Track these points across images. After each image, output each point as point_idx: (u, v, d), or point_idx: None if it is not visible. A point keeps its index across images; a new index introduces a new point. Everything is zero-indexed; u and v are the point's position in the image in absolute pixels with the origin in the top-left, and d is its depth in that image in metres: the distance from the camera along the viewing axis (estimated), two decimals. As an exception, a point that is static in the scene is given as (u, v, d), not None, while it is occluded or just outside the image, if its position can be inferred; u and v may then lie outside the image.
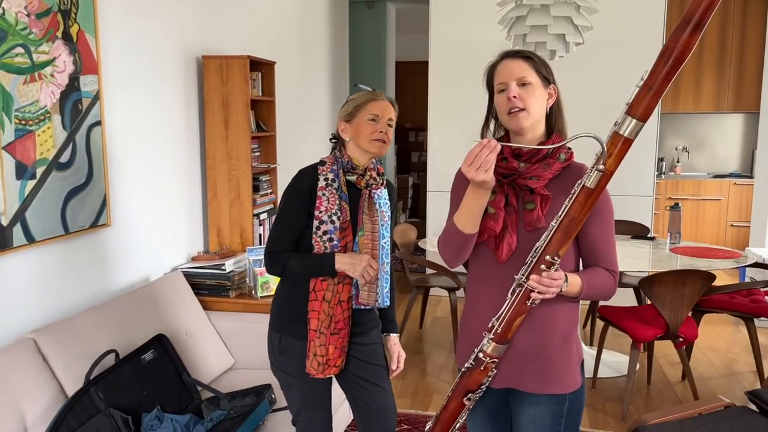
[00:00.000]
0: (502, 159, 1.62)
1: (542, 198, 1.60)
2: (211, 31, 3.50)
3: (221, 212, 3.39)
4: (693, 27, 1.35)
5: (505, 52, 1.68)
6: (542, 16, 3.56)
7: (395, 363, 2.12)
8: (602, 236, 1.65)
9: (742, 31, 6.39)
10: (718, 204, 6.54)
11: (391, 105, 1.97)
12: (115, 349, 2.23)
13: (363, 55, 7.55)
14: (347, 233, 1.91)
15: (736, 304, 3.68)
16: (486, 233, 1.62)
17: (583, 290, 1.59)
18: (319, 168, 1.93)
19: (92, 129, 2.49)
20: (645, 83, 1.42)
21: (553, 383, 1.64)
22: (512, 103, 1.60)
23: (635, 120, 1.43)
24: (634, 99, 1.44)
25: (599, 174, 1.46)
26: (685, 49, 1.37)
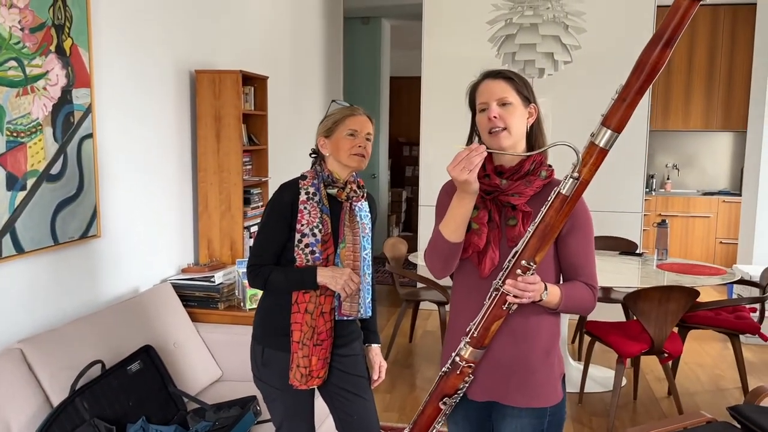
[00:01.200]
0: (484, 176, 1.67)
1: (524, 214, 1.63)
2: (205, 45, 3.55)
3: (212, 224, 3.42)
4: (664, 43, 1.40)
5: (486, 72, 1.72)
6: (531, 35, 3.62)
7: (376, 373, 2.14)
8: (582, 251, 1.68)
9: (731, 52, 6.49)
10: (708, 221, 6.60)
11: (368, 120, 2.01)
12: (101, 360, 2.24)
13: (358, 70, 7.63)
14: (329, 245, 1.94)
15: (722, 321, 3.71)
16: (470, 249, 1.66)
17: (562, 301, 1.62)
18: (300, 182, 1.97)
19: (84, 141, 2.52)
20: (619, 96, 1.48)
21: (535, 397, 1.66)
22: (493, 123, 1.64)
23: (610, 131, 1.48)
24: (608, 111, 1.49)
25: (574, 182, 1.51)
26: (656, 64, 1.42)
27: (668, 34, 1.40)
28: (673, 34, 1.39)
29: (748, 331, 3.64)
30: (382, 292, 6.27)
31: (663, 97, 6.61)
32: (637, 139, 5.10)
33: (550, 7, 3.67)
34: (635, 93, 1.46)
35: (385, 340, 4.67)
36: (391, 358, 4.36)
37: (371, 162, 7.89)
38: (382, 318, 5.37)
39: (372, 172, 7.87)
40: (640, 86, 1.45)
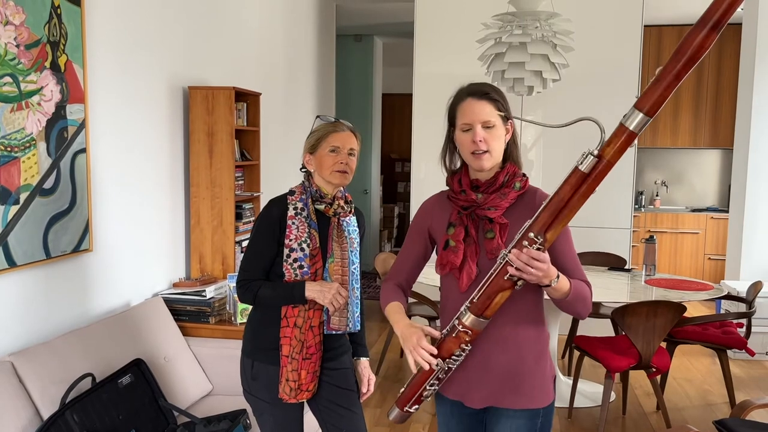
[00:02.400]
0: (460, 191, 1.72)
1: (501, 226, 1.67)
2: (198, 62, 3.59)
3: (204, 239, 3.44)
4: (712, 26, 1.35)
5: (470, 90, 1.72)
6: (520, 54, 3.68)
7: (365, 386, 2.16)
8: (569, 254, 1.72)
9: (718, 71, 6.60)
10: (696, 237, 6.67)
11: (352, 134, 2.02)
12: (92, 373, 2.25)
13: (350, 87, 7.70)
14: (317, 260, 1.97)
15: (709, 336, 3.75)
16: (447, 266, 1.70)
17: (571, 291, 1.62)
18: (289, 197, 2.00)
19: (77, 156, 2.55)
20: (656, 78, 1.43)
21: (529, 398, 1.71)
22: (477, 146, 1.67)
23: (642, 114, 1.44)
24: (643, 93, 1.44)
25: (593, 159, 1.47)
26: (701, 47, 1.36)
27: (717, 16, 1.33)
28: (722, 17, 1.34)
29: (734, 346, 3.67)
30: (373, 307, 6.28)
31: (651, 114, 6.70)
32: (625, 156, 5.15)
33: (538, 26, 3.74)
34: (673, 77, 1.40)
35: (375, 355, 4.68)
36: (382, 373, 4.36)
37: (363, 178, 7.97)
38: (373, 333, 5.38)
39: (364, 187, 7.92)
40: (680, 70, 1.39)
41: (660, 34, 6.68)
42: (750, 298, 3.76)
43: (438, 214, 1.80)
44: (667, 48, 6.67)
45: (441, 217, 1.79)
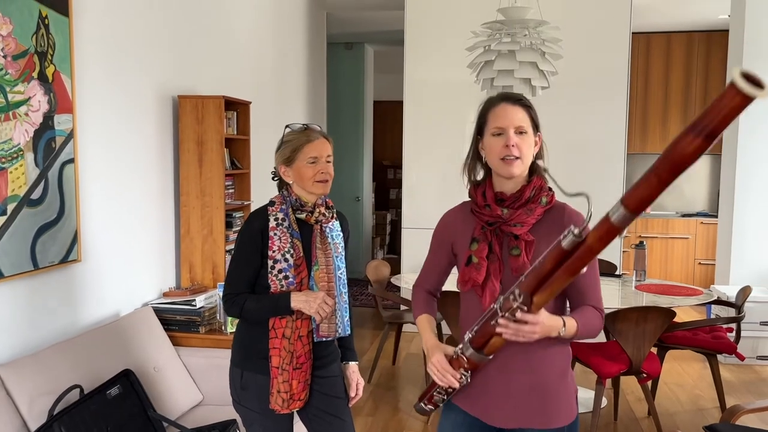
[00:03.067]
0: (485, 206, 1.67)
1: (527, 243, 1.63)
2: (188, 71, 3.59)
3: (194, 248, 3.43)
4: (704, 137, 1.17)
5: (505, 95, 1.70)
6: (509, 62, 3.71)
7: (353, 390, 2.15)
8: (589, 276, 1.67)
9: (705, 77, 6.66)
10: (686, 242, 6.71)
11: (326, 141, 1.99)
12: (80, 385, 2.24)
13: (342, 94, 7.73)
14: (302, 269, 1.96)
15: (699, 341, 3.77)
16: (469, 283, 1.67)
17: (578, 333, 1.63)
18: (269, 209, 1.99)
19: (65, 166, 2.54)
20: (642, 177, 1.31)
21: (555, 418, 1.70)
22: (510, 151, 1.63)
23: (625, 210, 1.31)
24: (631, 188, 1.33)
25: (574, 238, 1.40)
26: (688, 158, 1.19)
27: (713, 125, 1.15)
28: (717, 127, 1.16)
29: (724, 351, 3.69)
30: (366, 314, 6.28)
31: (641, 120, 6.75)
32: (615, 161, 5.20)
33: (527, 34, 3.77)
34: (657, 181, 1.25)
35: (368, 362, 4.68)
36: (374, 381, 4.36)
37: (355, 185, 7.98)
38: (365, 341, 5.37)
39: (356, 194, 7.92)
40: (664, 177, 1.24)
41: (648, 41, 6.74)
42: (739, 303, 3.79)
43: (460, 227, 1.77)
44: (655, 55, 6.72)
45: (463, 231, 1.76)
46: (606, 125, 5.19)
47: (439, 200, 5.44)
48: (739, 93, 1.12)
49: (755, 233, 5.10)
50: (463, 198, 1.82)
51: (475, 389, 1.73)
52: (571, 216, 1.68)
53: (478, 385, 1.72)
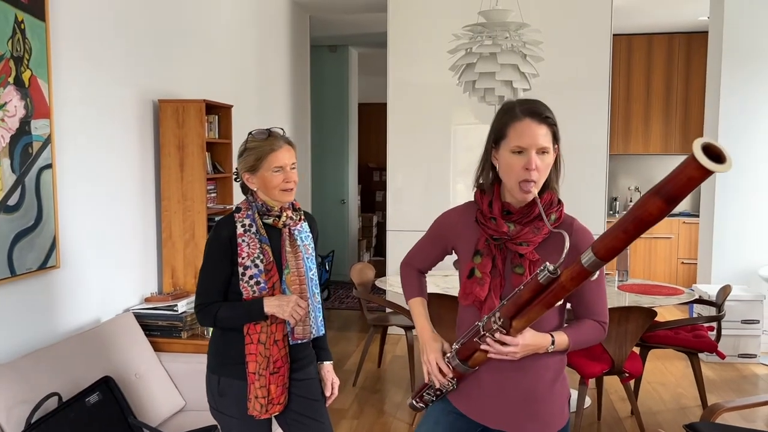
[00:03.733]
0: (490, 218, 1.64)
1: (531, 263, 1.61)
2: (168, 74, 3.57)
3: (176, 253, 3.41)
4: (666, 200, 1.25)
5: (529, 109, 1.59)
6: (490, 64, 3.72)
7: (329, 389, 2.14)
8: (593, 289, 1.67)
9: (686, 78, 6.72)
10: (669, 242, 6.77)
11: (289, 147, 1.97)
12: (58, 392, 2.22)
13: (326, 97, 7.72)
14: (273, 274, 1.94)
15: (681, 340, 3.80)
16: (470, 297, 1.66)
17: (570, 347, 1.65)
18: (235, 215, 1.96)
19: (42, 172, 2.52)
20: (611, 229, 1.37)
21: (547, 424, 1.70)
22: (529, 176, 1.56)
23: (594, 256, 1.38)
24: (601, 236, 1.39)
25: (549, 275, 1.43)
26: (650, 216, 1.28)
27: (674, 191, 1.23)
28: (678, 193, 1.24)
29: (705, 350, 3.73)
30: (351, 317, 6.27)
31: (623, 122, 6.81)
32: (598, 163, 5.24)
33: (508, 36, 3.78)
34: (622, 233, 1.33)
35: (353, 366, 4.67)
36: (360, 384, 4.35)
37: (340, 187, 7.97)
38: (351, 344, 5.36)
39: (341, 197, 7.92)
40: (631, 231, 1.32)
41: (629, 42, 6.79)
42: (719, 302, 3.83)
43: (462, 232, 1.74)
44: (637, 56, 6.78)
45: (466, 237, 1.73)
46: (588, 127, 5.23)
47: (425, 202, 5.46)
48: (700, 166, 1.17)
49: (736, 233, 5.15)
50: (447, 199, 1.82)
51: (469, 388, 1.74)
52: (578, 234, 1.64)
53: (472, 384, 1.73)
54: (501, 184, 1.67)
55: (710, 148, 1.18)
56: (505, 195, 1.66)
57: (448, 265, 4.44)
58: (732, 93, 5.07)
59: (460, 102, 5.26)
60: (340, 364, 4.78)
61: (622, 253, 4.21)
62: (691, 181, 1.21)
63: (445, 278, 4.19)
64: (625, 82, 6.77)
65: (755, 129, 5.06)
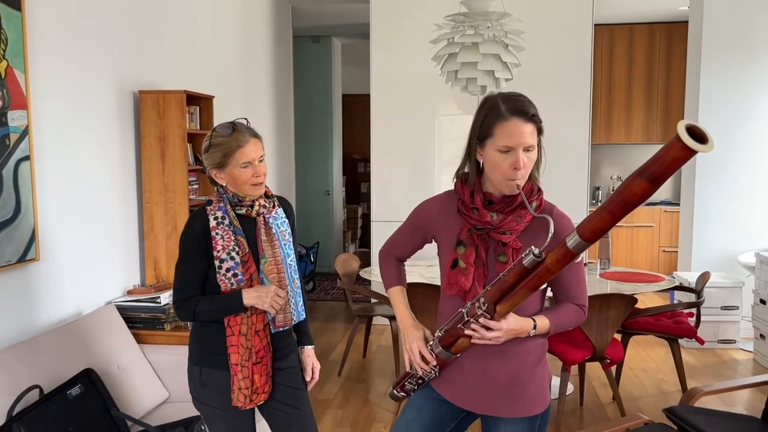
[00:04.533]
0: (473, 209, 1.65)
1: (514, 250, 1.63)
2: (148, 65, 3.54)
3: (158, 245, 3.39)
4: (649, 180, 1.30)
5: (515, 108, 1.60)
6: (472, 54, 3.73)
7: (309, 374, 2.14)
8: (573, 274, 1.70)
9: (667, 68, 6.78)
10: (651, 230, 6.84)
11: (256, 140, 1.91)
12: (39, 385, 2.21)
13: (310, 88, 7.68)
14: (249, 265, 1.92)
15: (661, 326, 3.85)
16: (455, 287, 1.67)
17: (551, 330, 1.68)
18: (208, 208, 1.93)
19: (20, 164, 2.49)
20: (597, 211, 1.41)
21: (529, 407, 1.73)
22: (516, 175, 1.58)
23: (579, 238, 1.42)
24: (585, 219, 1.43)
25: (533, 258, 1.47)
26: (635, 197, 1.33)
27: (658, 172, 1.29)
28: (661, 174, 1.29)
29: (685, 335, 3.78)
30: (337, 308, 6.28)
31: (605, 111, 6.86)
32: (580, 152, 5.28)
33: (490, 26, 3.79)
34: (608, 214, 1.37)
35: (338, 356, 4.68)
36: (345, 374, 4.37)
37: (325, 179, 7.95)
38: (336, 334, 5.38)
39: (326, 188, 7.90)
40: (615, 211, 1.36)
41: (611, 33, 6.83)
42: (698, 288, 3.88)
43: (443, 221, 1.75)
44: (619, 46, 6.82)
45: (447, 226, 1.74)
46: (570, 117, 5.26)
47: (409, 193, 5.47)
48: (684, 146, 1.22)
49: (716, 221, 5.22)
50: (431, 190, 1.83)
51: (451, 374, 1.76)
52: (558, 220, 1.66)
53: (454, 370, 1.75)
54: (482, 175, 1.69)
55: (693, 130, 1.23)
56: (487, 185, 1.68)
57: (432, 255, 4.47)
58: (712, 82, 5.13)
59: (444, 93, 5.27)
60: (326, 355, 4.79)
61: (604, 241, 4.26)
62: (676, 161, 1.26)
63: (429, 268, 4.21)
64: (606, 72, 6.81)
65: (735, 118, 5.12)
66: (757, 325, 4.64)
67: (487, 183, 1.68)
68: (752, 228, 5.20)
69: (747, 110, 5.12)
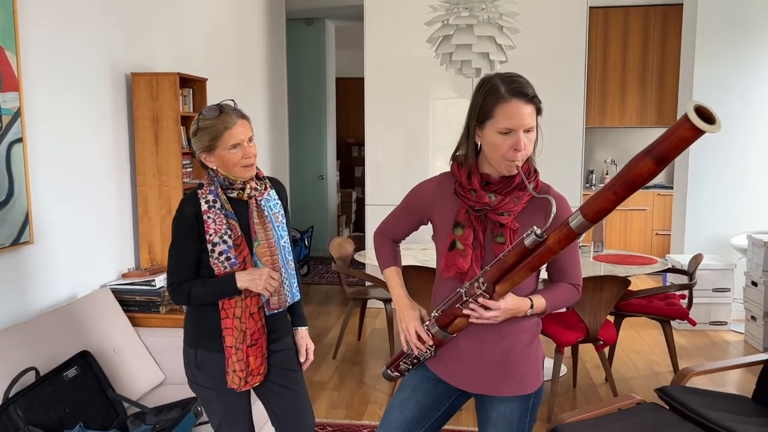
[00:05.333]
0: (470, 190, 1.66)
1: (512, 231, 1.64)
2: (142, 47, 3.51)
3: (152, 228, 3.39)
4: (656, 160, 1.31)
5: (515, 89, 1.59)
6: (467, 36, 3.71)
7: (303, 355, 2.14)
8: (568, 255, 1.71)
9: (662, 51, 6.76)
10: (644, 214, 6.87)
11: (244, 121, 1.89)
12: (35, 367, 2.21)
13: (303, 71, 7.63)
14: (242, 248, 1.92)
15: (654, 308, 3.88)
16: (453, 269, 1.68)
17: (547, 309, 1.70)
18: (199, 192, 1.92)
19: (13, 146, 2.47)
20: (601, 191, 1.41)
21: (523, 385, 1.75)
22: (516, 156, 1.58)
23: (582, 218, 1.43)
24: (589, 199, 1.43)
25: (535, 239, 1.47)
26: (640, 177, 1.33)
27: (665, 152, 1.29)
28: (668, 154, 1.29)
29: (677, 317, 3.82)
30: (331, 292, 6.30)
31: (600, 94, 6.85)
32: (574, 136, 5.28)
33: (484, 8, 3.77)
34: (613, 194, 1.37)
35: (333, 339, 4.71)
36: (340, 357, 4.39)
37: (319, 163, 7.93)
38: (331, 317, 5.40)
39: (320, 173, 7.89)
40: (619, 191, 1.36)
41: (606, 15, 6.80)
42: (691, 270, 3.91)
43: (440, 202, 1.75)
44: (614, 29, 6.80)
45: (444, 208, 1.74)
46: (564, 100, 5.25)
47: (403, 177, 5.47)
48: (692, 126, 1.22)
49: (709, 204, 5.25)
50: (425, 174, 1.83)
51: (446, 354, 1.77)
52: (556, 199, 1.65)
53: (449, 350, 1.76)
54: (479, 156, 1.69)
55: (702, 110, 1.24)
56: (484, 166, 1.68)
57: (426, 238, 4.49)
58: (706, 65, 5.12)
59: (439, 76, 5.25)
60: (321, 338, 4.81)
61: (598, 224, 4.27)
62: (683, 142, 1.26)
63: (423, 251, 4.22)
64: (601, 55, 6.80)
65: (729, 101, 5.13)
66: (748, 307, 4.68)
67: (484, 164, 1.68)
68: (745, 211, 5.23)
69: (741, 93, 5.12)
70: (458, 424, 3.30)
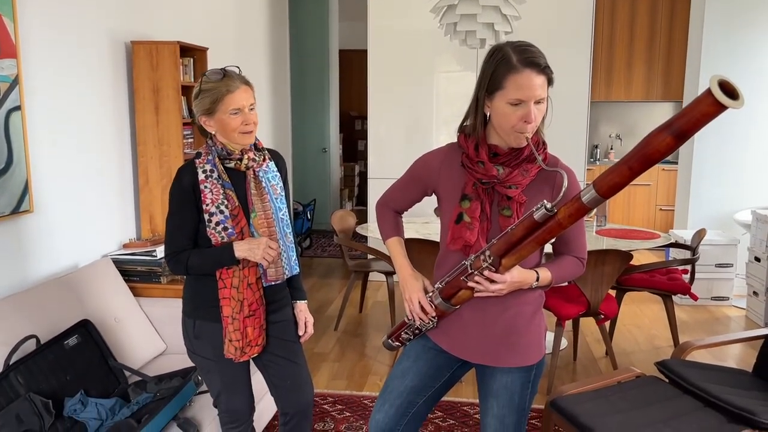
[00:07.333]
0: (478, 162, 1.63)
1: (519, 205, 1.62)
2: (142, 15, 3.46)
3: (153, 199, 3.37)
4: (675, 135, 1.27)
5: (527, 59, 1.54)
6: (472, 6, 3.65)
7: (302, 328, 2.14)
8: (574, 228, 1.69)
9: (670, 25, 6.66)
10: (648, 189, 6.83)
11: (247, 87, 1.87)
12: (35, 335, 2.22)
13: (306, 42, 7.55)
14: (240, 218, 1.90)
15: (656, 282, 3.87)
16: (459, 242, 1.65)
17: (552, 282, 1.70)
18: (196, 161, 1.90)
19: (11, 114, 2.45)
20: (615, 165, 1.38)
21: (525, 356, 1.75)
22: (525, 128, 1.55)
23: (595, 193, 1.40)
24: (603, 174, 1.40)
25: (545, 212, 1.47)
26: (657, 152, 1.29)
27: (684, 127, 1.26)
28: (687, 129, 1.26)
29: (679, 292, 3.81)
30: (333, 265, 6.31)
31: (606, 68, 6.76)
32: (578, 110, 5.22)
33: (490, -23, 3.69)
34: (628, 169, 1.35)
35: (334, 311, 4.73)
36: (341, 329, 4.41)
37: (321, 136, 7.88)
38: (333, 290, 5.41)
39: (323, 146, 7.84)
40: (635, 166, 1.34)
41: (615, -14, 6.69)
42: (694, 245, 3.89)
43: (446, 174, 1.72)
44: (621, 1, 6.68)
45: (450, 180, 1.71)
46: (570, 73, 5.19)
47: (407, 151, 5.43)
48: (715, 101, 1.19)
49: (712, 179, 5.21)
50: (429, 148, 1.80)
51: (448, 325, 1.77)
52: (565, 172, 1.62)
53: (452, 321, 1.76)
54: (487, 127, 1.66)
55: (725, 85, 1.21)
56: (492, 137, 1.65)
57: (428, 212, 4.47)
58: (715, 38, 5.04)
59: (444, 49, 5.18)
60: (322, 310, 4.83)
61: (601, 198, 4.25)
62: (705, 117, 1.23)
63: (426, 225, 4.21)
64: (609, 27, 6.69)
65: (737, 75, 5.05)
66: (750, 282, 4.68)
67: (492, 135, 1.65)
68: (749, 186, 5.19)
69: (748, 65, 5.05)
70: (458, 396, 3.32)
